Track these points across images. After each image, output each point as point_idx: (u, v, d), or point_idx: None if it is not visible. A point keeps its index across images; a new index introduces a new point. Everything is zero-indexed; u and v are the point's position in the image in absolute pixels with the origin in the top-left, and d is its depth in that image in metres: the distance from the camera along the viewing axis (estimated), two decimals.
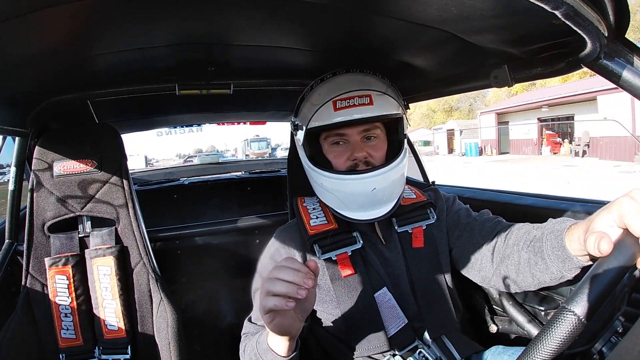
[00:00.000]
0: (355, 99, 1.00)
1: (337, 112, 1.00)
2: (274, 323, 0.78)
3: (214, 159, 4.34)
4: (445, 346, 1.03)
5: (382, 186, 1.00)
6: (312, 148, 1.10)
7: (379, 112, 1.01)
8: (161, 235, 1.91)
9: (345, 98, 1.00)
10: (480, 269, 1.05)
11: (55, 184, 1.32)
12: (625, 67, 0.75)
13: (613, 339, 0.57)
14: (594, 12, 0.65)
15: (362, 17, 0.93)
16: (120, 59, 1.14)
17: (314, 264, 0.78)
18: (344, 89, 1.02)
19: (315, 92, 1.07)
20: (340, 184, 1.01)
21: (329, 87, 1.05)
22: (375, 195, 1.00)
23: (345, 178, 1.01)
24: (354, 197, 1.01)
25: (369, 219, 1.03)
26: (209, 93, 1.45)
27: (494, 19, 0.82)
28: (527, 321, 1.30)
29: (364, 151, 1.03)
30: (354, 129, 1.03)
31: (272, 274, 0.76)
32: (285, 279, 0.74)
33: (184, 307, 2.00)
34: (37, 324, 1.27)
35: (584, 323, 0.48)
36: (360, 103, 1.00)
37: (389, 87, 1.08)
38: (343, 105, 1.00)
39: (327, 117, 1.01)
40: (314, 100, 1.06)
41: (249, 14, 0.91)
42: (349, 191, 1.01)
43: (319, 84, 1.08)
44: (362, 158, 1.03)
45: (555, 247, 0.80)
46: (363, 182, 0.99)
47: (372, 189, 0.99)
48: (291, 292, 0.73)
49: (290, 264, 0.76)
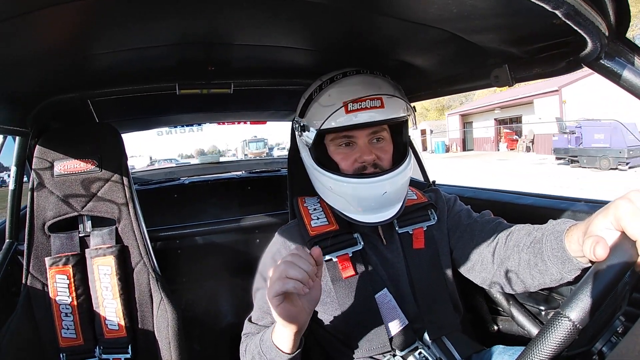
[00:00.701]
0: (367, 101, 1.00)
1: (350, 114, 1.00)
2: (282, 306, 0.79)
3: (214, 159, 4.35)
4: (445, 346, 1.03)
5: (392, 189, 1.01)
6: (318, 149, 1.09)
7: (390, 115, 1.02)
8: (161, 234, 1.92)
9: (357, 101, 1.00)
10: (481, 270, 1.05)
11: (56, 184, 1.32)
12: (626, 66, 0.75)
13: (613, 339, 0.57)
14: (594, 12, 0.64)
15: (362, 16, 0.93)
16: (121, 58, 1.14)
17: (318, 251, 0.82)
18: (356, 92, 1.01)
19: (325, 92, 1.06)
20: (349, 187, 1.01)
21: (340, 89, 1.04)
22: (385, 198, 1.00)
23: (356, 182, 1.00)
24: (364, 200, 1.01)
25: (376, 222, 1.03)
26: (210, 93, 1.44)
27: (494, 19, 0.82)
28: (528, 321, 1.30)
29: (372, 154, 1.03)
30: (363, 131, 1.03)
31: (290, 259, 0.80)
32: (302, 267, 0.78)
33: (184, 307, 2.00)
34: (38, 324, 1.28)
35: (579, 329, 0.48)
36: (372, 106, 1.00)
37: (396, 89, 1.08)
38: (355, 108, 1.00)
39: (339, 119, 1.01)
40: (324, 101, 1.05)
41: (250, 13, 0.91)
42: (359, 195, 1.01)
43: (329, 85, 1.07)
44: (370, 161, 1.02)
45: (555, 249, 0.80)
46: (374, 185, 0.99)
47: (383, 192, 0.99)
48: (305, 279, 0.78)
49: (304, 254, 0.81)
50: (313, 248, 0.82)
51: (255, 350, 0.93)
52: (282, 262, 0.80)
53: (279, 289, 0.78)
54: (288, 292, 0.78)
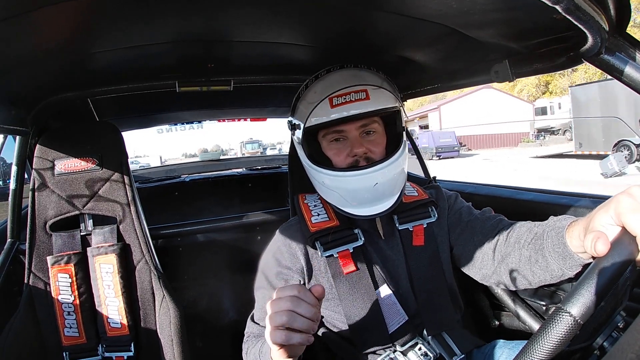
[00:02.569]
0: (351, 94, 1.00)
1: (334, 108, 1.00)
2: (281, 351, 0.76)
3: (215, 156, 4.35)
4: (445, 342, 1.04)
5: (384, 180, 1.00)
6: (311, 146, 1.09)
7: (376, 106, 1.01)
8: (163, 232, 1.92)
9: (341, 94, 1.00)
10: (481, 267, 1.05)
11: (57, 183, 1.32)
12: (627, 62, 0.75)
13: (614, 334, 0.57)
14: (594, 7, 0.64)
15: (362, 12, 0.93)
16: (120, 56, 1.13)
17: (321, 288, 0.76)
18: (339, 85, 1.01)
19: (311, 90, 1.07)
20: (341, 181, 1.01)
21: (324, 85, 1.04)
22: (377, 190, 1.00)
23: (347, 175, 1.01)
24: (356, 193, 1.01)
25: (371, 214, 1.03)
26: (209, 90, 1.45)
27: (494, 13, 0.81)
28: (530, 316, 1.31)
29: (363, 147, 1.02)
30: (352, 124, 1.03)
31: (291, 306, 0.73)
32: (306, 316, 0.73)
33: (186, 304, 2.00)
34: (40, 323, 1.28)
35: (580, 324, 0.48)
36: (356, 98, 1.00)
37: (384, 80, 1.07)
38: (340, 102, 1.00)
39: (324, 114, 1.01)
40: (310, 98, 1.05)
41: (249, 10, 0.90)
42: (350, 187, 1.01)
43: (314, 82, 1.07)
44: (361, 154, 1.02)
45: (556, 245, 0.80)
46: (364, 177, 0.99)
47: (374, 184, 0.99)
48: (310, 328, 0.74)
49: (305, 296, 0.75)
50: (315, 286, 0.76)
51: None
52: (285, 310, 0.72)
53: (282, 341, 0.72)
54: (299, 344, 0.73)
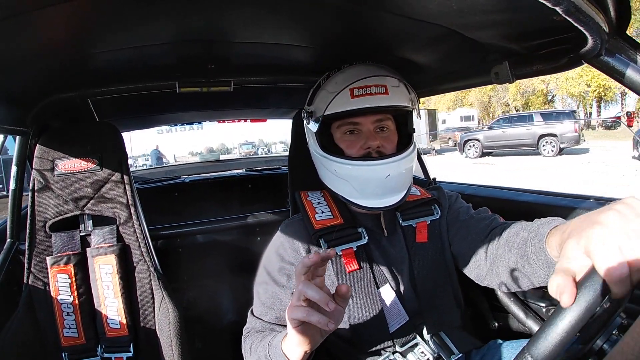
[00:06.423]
0: (372, 87, 1.02)
1: (354, 99, 1.02)
2: (299, 328, 0.76)
3: (214, 157, 4.36)
4: (443, 342, 1.04)
5: (395, 174, 1.02)
6: (324, 137, 1.11)
7: (394, 102, 1.03)
8: (162, 233, 1.92)
9: (361, 86, 1.02)
10: (476, 267, 1.04)
11: (56, 183, 1.32)
12: (627, 63, 0.74)
13: (614, 336, 0.57)
14: (594, 8, 0.64)
15: (362, 13, 0.93)
16: (121, 56, 1.13)
17: (346, 288, 0.75)
18: (360, 75, 1.03)
19: (332, 80, 1.09)
20: (354, 170, 1.02)
21: (346, 76, 1.07)
22: (389, 182, 1.01)
23: (361, 164, 1.02)
24: (368, 182, 1.02)
25: (380, 207, 1.03)
26: (210, 90, 1.44)
27: (494, 15, 0.81)
28: (528, 317, 1.30)
29: (377, 140, 1.04)
30: (368, 118, 1.05)
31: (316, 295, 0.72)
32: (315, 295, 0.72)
33: (186, 305, 2.00)
34: (39, 323, 1.28)
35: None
36: (376, 92, 1.02)
37: (401, 81, 1.09)
38: (360, 94, 1.02)
39: (343, 104, 1.03)
40: (330, 88, 1.07)
41: (249, 11, 0.90)
42: (363, 177, 1.02)
43: (336, 73, 1.10)
44: (375, 147, 1.04)
45: (539, 252, 0.80)
46: (378, 168, 1.01)
47: (386, 175, 1.00)
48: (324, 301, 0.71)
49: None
50: (340, 286, 0.75)
51: (262, 353, 0.92)
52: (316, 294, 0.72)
53: (301, 317, 0.73)
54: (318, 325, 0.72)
